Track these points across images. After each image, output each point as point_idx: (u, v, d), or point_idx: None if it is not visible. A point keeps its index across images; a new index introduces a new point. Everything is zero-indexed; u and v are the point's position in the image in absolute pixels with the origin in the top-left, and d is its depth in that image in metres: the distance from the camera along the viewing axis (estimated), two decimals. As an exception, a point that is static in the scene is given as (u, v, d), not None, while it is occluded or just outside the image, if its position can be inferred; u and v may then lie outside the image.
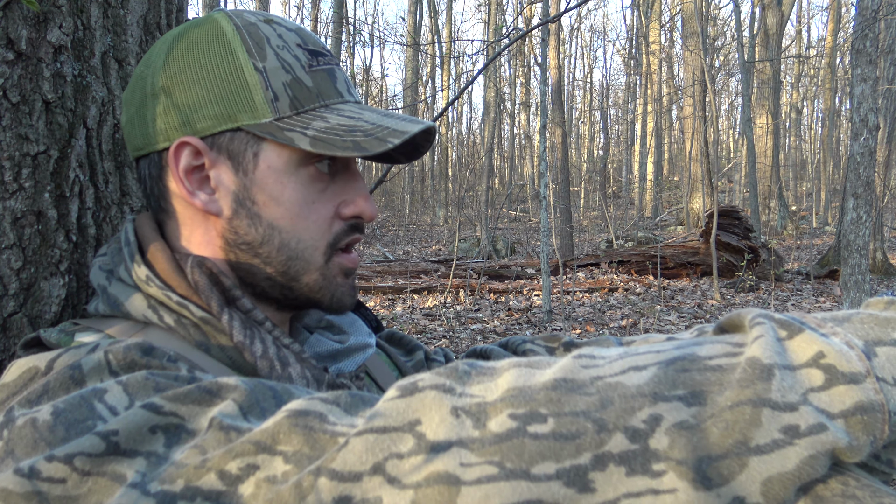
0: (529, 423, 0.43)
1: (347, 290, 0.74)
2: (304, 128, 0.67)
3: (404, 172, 20.14)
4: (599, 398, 0.44)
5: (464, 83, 3.90)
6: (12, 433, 0.51)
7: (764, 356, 0.43)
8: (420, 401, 0.45)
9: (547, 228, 6.69)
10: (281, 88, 0.68)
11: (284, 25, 0.72)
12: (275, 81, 0.68)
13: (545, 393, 0.44)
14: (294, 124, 0.67)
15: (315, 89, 0.69)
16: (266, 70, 0.68)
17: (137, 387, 0.53)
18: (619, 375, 0.45)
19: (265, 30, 0.70)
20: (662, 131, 25.18)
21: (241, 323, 0.66)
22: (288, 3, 20.07)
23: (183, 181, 0.68)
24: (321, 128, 0.67)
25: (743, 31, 14.09)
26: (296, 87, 0.68)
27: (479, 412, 0.44)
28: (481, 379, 0.47)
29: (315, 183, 0.69)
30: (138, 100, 0.71)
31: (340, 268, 0.72)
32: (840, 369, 0.43)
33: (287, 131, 0.66)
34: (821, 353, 0.44)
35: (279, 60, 0.68)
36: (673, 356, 0.46)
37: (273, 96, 0.67)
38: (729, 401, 0.42)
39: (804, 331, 0.45)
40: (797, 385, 0.43)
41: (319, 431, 0.46)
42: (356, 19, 23.59)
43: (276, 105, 0.67)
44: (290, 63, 0.69)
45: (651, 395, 0.43)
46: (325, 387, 0.68)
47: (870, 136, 4.31)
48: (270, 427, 0.47)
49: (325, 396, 0.50)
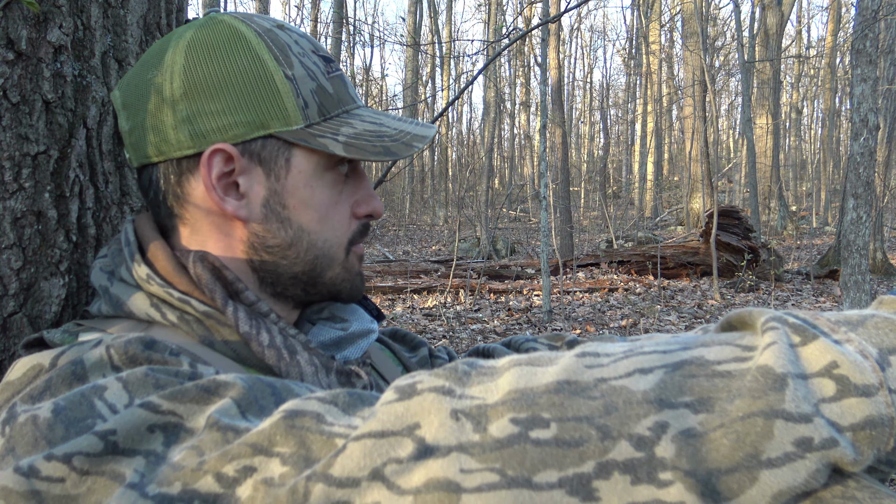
0: (531, 428, 0.42)
1: (360, 280, 0.79)
2: (335, 134, 0.69)
3: (404, 172, 20.13)
4: (603, 403, 0.42)
5: (464, 83, 3.90)
6: (14, 430, 0.51)
7: (777, 365, 0.41)
8: (419, 404, 0.45)
9: (547, 228, 6.70)
10: (309, 95, 0.70)
11: (296, 32, 0.74)
12: (304, 89, 0.69)
13: (547, 396, 0.43)
14: (324, 130, 0.69)
15: (336, 96, 0.72)
16: (295, 78, 0.69)
17: (137, 384, 0.53)
18: (625, 378, 0.43)
19: (284, 37, 0.71)
20: (662, 131, 25.19)
21: (246, 314, 0.66)
22: (288, 3, 20.08)
23: (215, 188, 0.68)
24: (350, 133, 0.70)
25: (743, 31, 14.09)
26: (321, 94, 0.71)
27: (480, 415, 0.43)
28: (481, 379, 0.46)
29: (337, 186, 0.72)
30: (151, 106, 0.69)
31: (357, 258, 0.77)
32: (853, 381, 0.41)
33: (319, 137, 0.68)
34: (834, 362, 0.42)
35: (304, 68, 0.70)
36: (680, 359, 0.44)
37: (304, 104, 0.69)
38: (740, 411, 0.41)
39: (818, 338, 0.43)
40: (810, 395, 0.41)
41: (316, 432, 0.46)
42: (356, 19, 23.61)
43: (307, 112, 0.69)
44: (313, 70, 0.71)
45: (657, 401, 0.42)
46: (334, 374, 0.68)
47: (870, 136, 4.31)
48: (267, 428, 0.47)
49: (323, 396, 0.49)
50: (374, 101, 24.76)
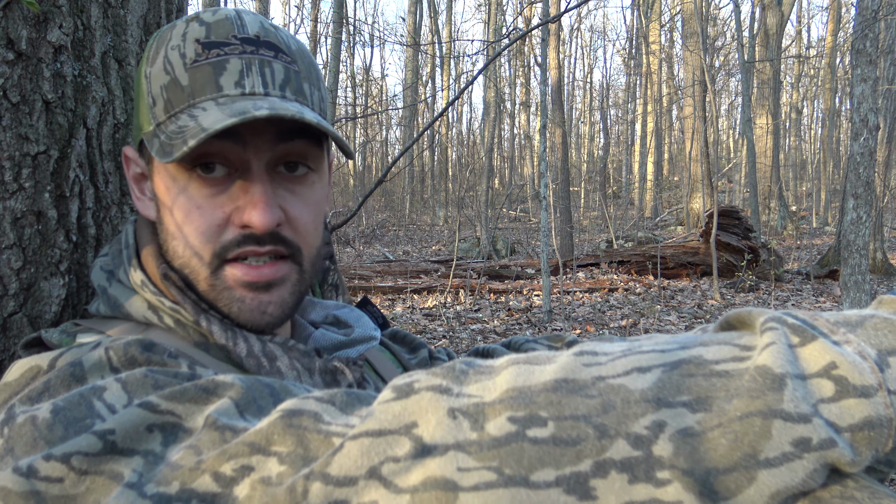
0: (529, 426, 0.42)
1: (256, 306, 0.66)
2: (162, 133, 0.65)
3: (404, 172, 20.12)
4: (601, 401, 0.42)
5: (464, 83, 3.89)
6: (13, 431, 0.51)
7: (775, 365, 0.41)
8: (416, 403, 0.44)
9: (547, 228, 6.69)
10: (158, 92, 0.66)
11: (203, 20, 0.67)
12: (154, 86, 0.67)
13: (545, 395, 0.43)
14: (163, 130, 0.65)
15: (189, 87, 0.65)
16: (150, 75, 0.67)
17: (136, 384, 0.53)
18: (623, 377, 0.43)
19: (177, 30, 0.67)
20: (662, 131, 25.18)
21: (220, 326, 0.66)
22: (288, 3, 20.08)
23: (133, 188, 0.74)
24: (171, 131, 0.64)
25: (743, 31, 14.09)
26: (171, 89, 0.65)
27: (477, 413, 0.43)
28: (479, 378, 0.46)
29: (202, 188, 0.65)
30: None
31: (235, 280, 0.66)
32: (851, 381, 0.41)
33: (155, 138, 0.66)
34: (833, 363, 0.42)
35: (164, 62, 0.66)
36: (678, 358, 0.44)
37: (151, 102, 0.67)
38: (738, 411, 0.41)
39: (817, 338, 0.43)
40: (808, 395, 0.41)
41: (314, 431, 0.46)
42: (356, 19, 23.60)
43: (154, 111, 0.67)
44: (173, 63, 0.65)
45: (654, 399, 0.42)
46: (317, 374, 0.68)
47: (870, 136, 4.31)
48: (264, 427, 0.47)
49: (321, 395, 0.49)
50: (375, 101, 24.76)
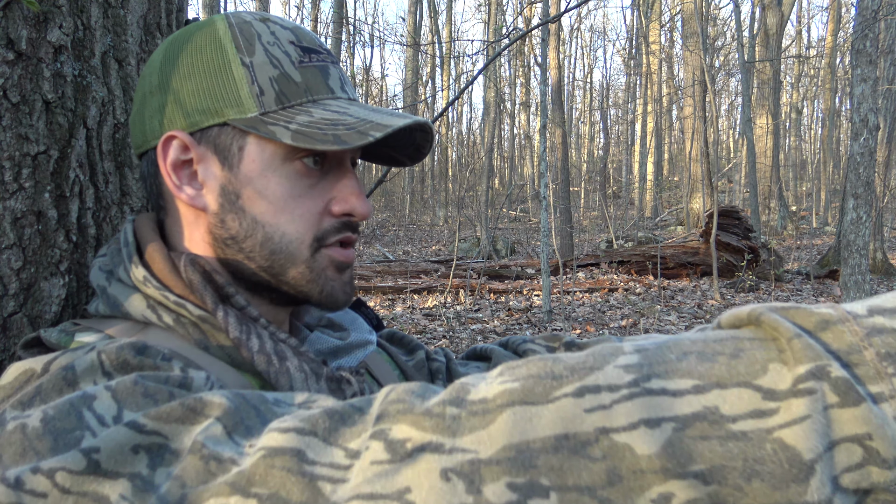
0: (530, 496, 0.39)
1: (340, 286, 0.72)
2: (288, 122, 0.67)
3: (404, 173, 20.12)
4: (606, 469, 0.40)
5: (464, 83, 3.90)
6: (2, 438, 0.51)
7: (806, 449, 0.38)
8: (410, 466, 0.42)
9: (547, 228, 6.69)
10: (267, 83, 0.68)
11: (280, 23, 0.72)
12: (261, 76, 0.68)
13: (545, 457, 0.40)
14: (278, 119, 0.67)
15: (303, 84, 0.69)
16: (253, 65, 0.68)
17: (126, 393, 0.52)
18: (629, 432, 0.40)
19: (258, 27, 0.70)
20: (662, 131, 25.18)
21: (237, 319, 0.66)
22: (288, 3, 20.07)
23: (170, 175, 0.69)
24: (304, 122, 0.66)
25: (743, 31, 14.09)
26: (283, 82, 0.68)
27: (473, 473, 0.41)
28: (472, 423, 0.43)
29: (302, 178, 0.69)
30: (139, 98, 0.73)
31: (331, 261, 0.71)
32: (882, 455, 0.38)
33: (271, 125, 0.66)
34: (868, 434, 0.38)
35: (267, 56, 0.68)
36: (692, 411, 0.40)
37: (259, 90, 0.68)
38: (756, 498, 0.38)
39: (861, 404, 0.39)
40: (832, 468, 0.38)
41: (297, 474, 0.44)
42: (356, 19, 23.60)
43: (262, 99, 0.68)
44: (279, 58, 0.69)
45: (663, 470, 0.39)
46: (324, 380, 0.67)
47: (870, 136, 4.31)
48: (247, 469, 0.45)
49: (302, 426, 0.47)
50: (375, 101, 24.77)
